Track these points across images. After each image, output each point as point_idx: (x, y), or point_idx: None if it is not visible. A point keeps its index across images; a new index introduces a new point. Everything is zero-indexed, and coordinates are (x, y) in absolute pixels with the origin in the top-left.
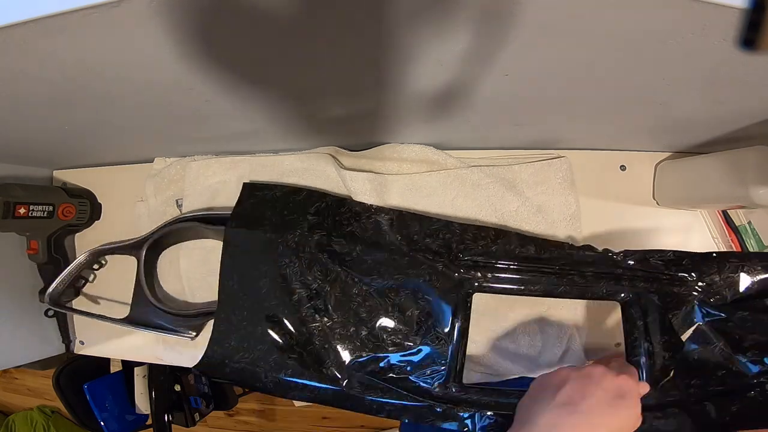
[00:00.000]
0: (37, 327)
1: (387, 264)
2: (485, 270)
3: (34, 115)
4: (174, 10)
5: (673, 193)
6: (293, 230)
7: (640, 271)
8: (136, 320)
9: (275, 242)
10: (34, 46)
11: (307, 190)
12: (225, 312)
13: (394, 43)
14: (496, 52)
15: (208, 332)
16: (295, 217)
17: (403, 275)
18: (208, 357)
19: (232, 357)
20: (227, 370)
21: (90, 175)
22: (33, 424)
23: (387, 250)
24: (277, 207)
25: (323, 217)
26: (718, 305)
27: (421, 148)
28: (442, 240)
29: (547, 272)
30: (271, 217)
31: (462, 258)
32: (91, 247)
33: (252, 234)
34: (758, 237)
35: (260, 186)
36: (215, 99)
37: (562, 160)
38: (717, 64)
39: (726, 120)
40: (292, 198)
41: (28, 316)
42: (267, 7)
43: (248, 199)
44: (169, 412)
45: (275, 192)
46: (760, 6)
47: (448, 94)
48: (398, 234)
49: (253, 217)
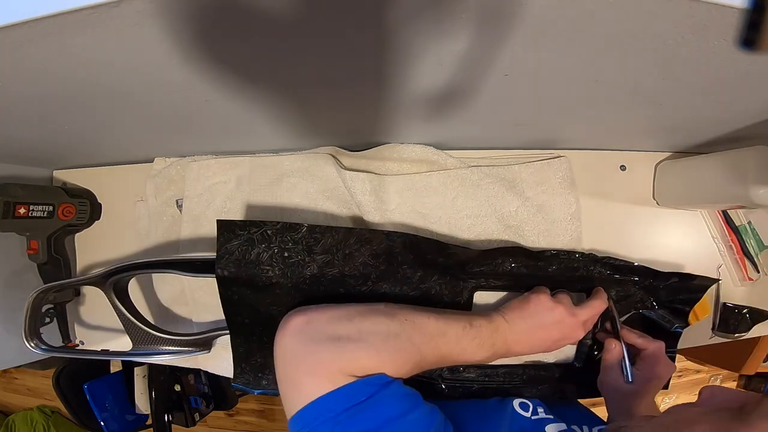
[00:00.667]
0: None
1: (401, 284)
2: (489, 276)
3: (34, 115)
4: (174, 11)
5: (673, 193)
6: (302, 274)
7: (611, 275)
8: (141, 352)
9: (285, 287)
10: (34, 46)
11: (307, 226)
12: (240, 339)
13: (395, 43)
14: (496, 52)
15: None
16: (300, 259)
17: (416, 291)
18: (239, 375)
19: (263, 371)
20: (264, 383)
21: (90, 175)
22: (33, 424)
23: (399, 270)
24: (274, 248)
25: (332, 255)
26: (654, 301)
27: (421, 148)
28: (456, 260)
29: (540, 276)
30: (270, 261)
31: (471, 271)
32: (40, 287)
33: (252, 279)
34: (758, 237)
35: (242, 224)
36: (215, 99)
37: (561, 159)
38: (717, 65)
39: (726, 120)
40: (290, 236)
41: None
42: (267, 6)
43: (231, 240)
44: (169, 412)
45: (265, 230)
46: (760, 6)
47: (448, 93)
48: (411, 254)
49: (247, 261)
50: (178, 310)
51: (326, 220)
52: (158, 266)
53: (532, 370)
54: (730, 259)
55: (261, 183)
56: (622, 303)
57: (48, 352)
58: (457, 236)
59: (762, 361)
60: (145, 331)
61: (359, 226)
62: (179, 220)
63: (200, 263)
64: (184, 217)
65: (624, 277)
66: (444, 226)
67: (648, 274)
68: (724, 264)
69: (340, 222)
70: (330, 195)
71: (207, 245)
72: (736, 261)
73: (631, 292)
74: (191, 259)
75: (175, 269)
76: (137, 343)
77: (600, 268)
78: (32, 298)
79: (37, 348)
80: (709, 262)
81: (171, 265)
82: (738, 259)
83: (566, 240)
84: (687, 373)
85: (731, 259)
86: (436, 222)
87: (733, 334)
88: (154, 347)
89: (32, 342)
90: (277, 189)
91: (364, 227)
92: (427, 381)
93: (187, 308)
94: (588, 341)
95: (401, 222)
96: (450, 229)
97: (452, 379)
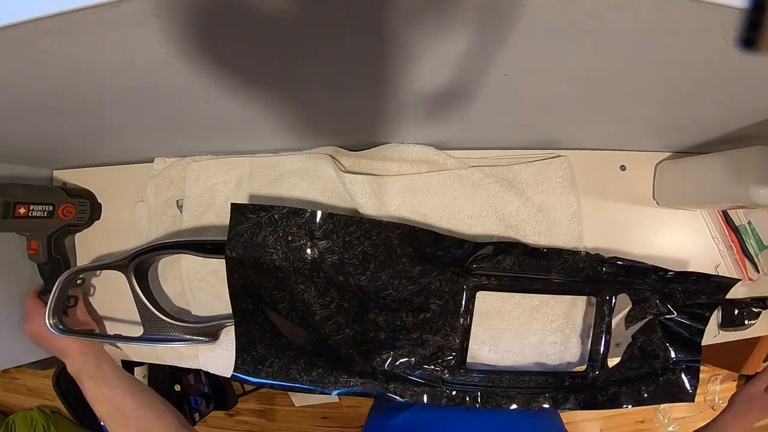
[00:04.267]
0: None
1: (400, 276)
2: (490, 276)
3: (33, 115)
4: (174, 10)
5: (673, 193)
6: (303, 258)
7: (621, 276)
8: (152, 337)
9: (287, 271)
10: (34, 46)
11: (310, 211)
12: (244, 326)
13: (395, 43)
14: (496, 52)
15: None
16: (302, 243)
17: (415, 285)
18: (239, 366)
19: (263, 362)
20: (263, 375)
21: (90, 175)
22: (33, 424)
23: (399, 262)
24: (279, 231)
25: (333, 240)
26: (671, 306)
27: (422, 149)
28: (453, 255)
29: (542, 278)
30: (275, 244)
31: (471, 269)
32: (71, 268)
33: (257, 261)
34: (758, 237)
35: (253, 207)
36: (215, 99)
37: (561, 159)
38: (717, 65)
39: (726, 120)
40: (295, 220)
41: None
42: (267, 6)
43: (242, 223)
44: None
45: (272, 214)
46: (760, 6)
47: (449, 94)
48: (410, 246)
49: (253, 244)
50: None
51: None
52: (178, 247)
53: (539, 377)
54: (730, 259)
55: (261, 183)
56: (637, 308)
57: (64, 333)
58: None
59: (762, 361)
60: (158, 317)
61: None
62: (180, 221)
63: (214, 244)
64: (184, 218)
65: (636, 279)
66: (444, 227)
67: (662, 275)
68: (724, 264)
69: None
70: (330, 195)
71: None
72: (736, 261)
73: (646, 296)
74: (207, 241)
75: (193, 250)
76: (149, 329)
77: (608, 269)
78: (63, 277)
79: (55, 328)
80: (709, 262)
81: (190, 246)
82: (738, 259)
83: (567, 240)
84: None
85: (731, 259)
86: (436, 222)
87: (742, 326)
88: (164, 333)
89: (53, 320)
90: (278, 189)
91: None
92: (429, 384)
93: (188, 308)
94: (601, 348)
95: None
96: (450, 230)
97: (453, 383)
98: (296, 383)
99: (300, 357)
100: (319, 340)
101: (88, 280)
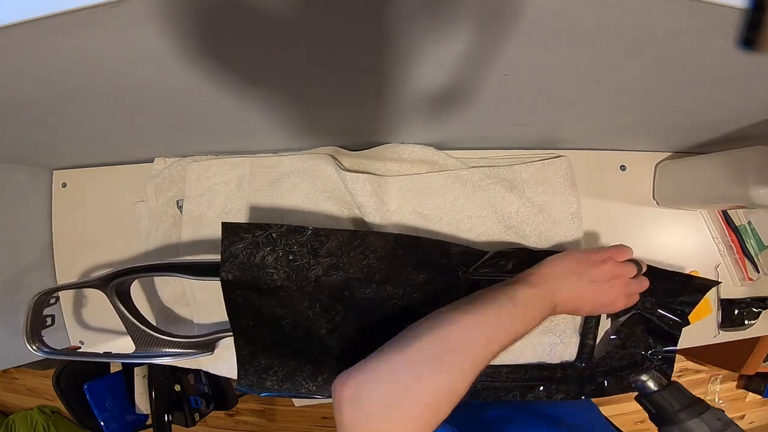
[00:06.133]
0: None
1: (404, 285)
2: (493, 280)
3: (34, 114)
4: (174, 10)
5: (673, 193)
6: (307, 277)
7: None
8: (144, 354)
9: (290, 290)
10: (34, 46)
11: (312, 229)
12: (244, 341)
13: (395, 43)
14: (496, 52)
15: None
16: (305, 262)
17: (420, 293)
18: (243, 377)
19: (267, 372)
20: (268, 383)
21: (90, 175)
22: (33, 424)
23: (403, 272)
24: (279, 251)
25: (337, 257)
26: (654, 302)
27: (422, 149)
28: (459, 260)
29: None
30: (275, 264)
31: (474, 273)
32: (42, 290)
33: (257, 281)
34: (758, 237)
35: (247, 226)
36: (215, 99)
37: (562, 159)
38: (717, 65)
39: (725, 120)
40: (295, 239)
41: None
42: (267, 6)
43: (236, 243)
44: (169, 412)
45: (270, 233)
46: (760, 6)
47: (449, 93)
48: (415, 256)
49: (251, 265)
50: (180, 310)
51: (327, 221)
52: (161, 269)
53: (535, 370)
54: (730, 259)
55: (262, 183)
56: None
57: (50, 355)
58: (458, 237)
59: (762, 361)
60: (147, 333)
61: (360, 226)
62: (180, 221)
63: (204, 266)
64: (184, 218)
65: None
66: (445, 227)
67: (652, 273)
68: (724, 264)
69: (341, 223)
70: (331, 195)
71: (208, 246)
72: (736, 261)
73: None
74: (194, 263)
75: (177, 272)
76: (140, 346)
77: None
78: (33, 301)
79: (39, 351)
80: (709, 262)
81: (174, 268)
82: (738, 259)
83: (567, 240)
84: (687, 373)
85: (731, 259)
86: (437, 223)
87: (742, 326)
88: (156, 349)
89: (34, 345)
90: (278, 189)
91: (368, 230)
92: None
93: (188, 309)
94: (590, 341)
95: (402, 223)
96: (451, 230)
97: None
98: (302, 390)
99: (305, 364)
100: (324, 350)
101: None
